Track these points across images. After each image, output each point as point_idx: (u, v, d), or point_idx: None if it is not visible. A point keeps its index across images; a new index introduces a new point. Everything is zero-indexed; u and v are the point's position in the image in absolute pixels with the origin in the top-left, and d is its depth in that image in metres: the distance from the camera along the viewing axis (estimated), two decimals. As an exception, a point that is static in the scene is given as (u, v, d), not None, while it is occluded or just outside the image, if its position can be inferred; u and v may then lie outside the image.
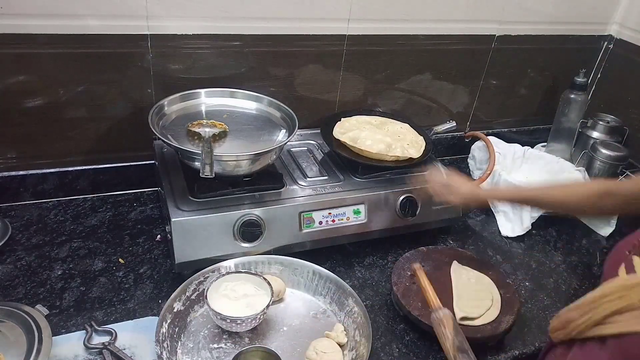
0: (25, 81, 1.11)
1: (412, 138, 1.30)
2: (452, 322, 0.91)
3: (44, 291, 1.01)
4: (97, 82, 1.17)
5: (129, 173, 1.29)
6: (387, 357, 0.97)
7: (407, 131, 1.34)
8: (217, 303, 0.94)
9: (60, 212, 1.22)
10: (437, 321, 0.92)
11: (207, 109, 1.22)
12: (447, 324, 0.90)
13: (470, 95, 1.62)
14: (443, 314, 0.92)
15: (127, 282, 1.06)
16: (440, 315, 0.92)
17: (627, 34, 1.64)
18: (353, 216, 1.16)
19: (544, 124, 1.75)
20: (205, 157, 0.99)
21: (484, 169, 1.47)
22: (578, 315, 0.73)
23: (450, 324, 0.90)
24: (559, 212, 1.08)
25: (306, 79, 1.37)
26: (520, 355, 1.02)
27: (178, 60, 1.22)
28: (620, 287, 0.68)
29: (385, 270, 1.17)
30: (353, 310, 0.99)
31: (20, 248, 1.11)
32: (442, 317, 0.92)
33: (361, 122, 1.33)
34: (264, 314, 0.94)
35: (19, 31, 1.06)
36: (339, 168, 1.25)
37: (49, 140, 1.20)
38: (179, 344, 0.92)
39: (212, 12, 1.19)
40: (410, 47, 1.44)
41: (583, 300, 0.73)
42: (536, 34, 1.58)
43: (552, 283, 1.21)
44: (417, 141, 1.30)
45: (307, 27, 1.29)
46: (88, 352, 0.90)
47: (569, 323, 0.75)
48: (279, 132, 1.18)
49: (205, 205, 1.06)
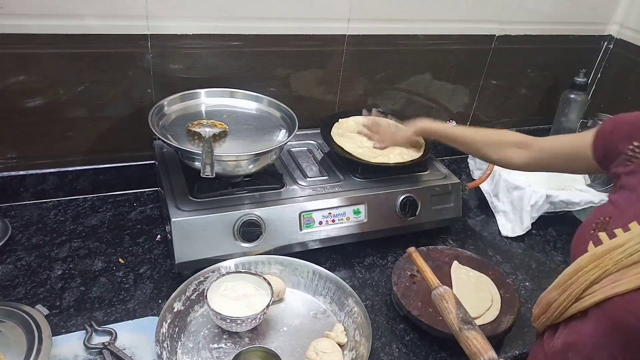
0: (25, 81, 1.12)
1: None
2: (454, 297, 0.91)
3: (44, 291, 1.01)
4: (97, 82, 1.17)
5: (129, 173, 1.29)
6: (387, 357, 0.97)
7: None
8: (217, 303, 0.94)
9: (60, 212, 1.22)
10: (438, 297, 0.92)
11: (207, 109, 1.22)
12: (449, 299, 0.91)
13: (470, 95, 1.62)
14: (444, 290, 0.93)
15: (127, 282, 1.06)
16: (441, 291, 0.92)
17: (627, 34, 1.64)
18: (353, 216, 1.16)
19: (544, 124, 1.75)
20: (206, 157, 0.99)
21: (484, 169, 1.47)
22: (557, 294, 0.75)
23: (452, 299, 0.91)
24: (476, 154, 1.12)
25: (306, 79, 1.37)
26: (520, 355, 1.02)
27: (178, 60, 1.22)
28: (593, 257, 0.70)
29: (385, 270, 1.17)
30: (353, 310, 0.99)
31: (20, 248, 1.11)
32: (443, 292, 0.92)
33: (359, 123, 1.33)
34: (264, 314, 0.94)
35: (19, 31, 1.06)
36: (339, 168, 1.25)
37: (49, 140, 1.20)
38: (179, 344, 0.92)
39: (212, 12, 1.19)
40: (410, 47, 1.44)
41: (559, 280, 0.75)
42: (536, 34, 1.59)
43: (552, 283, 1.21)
44: (417, 140, 1.30)
45: (307, 27, 1.29)
46: (88, 352, 0.89)
47: (549, 305, 0.77)
48: (279, 132, 1.18)
49: (205, 205, 1.06)
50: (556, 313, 0.76)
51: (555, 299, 0.75)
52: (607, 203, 0.80)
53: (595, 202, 1.35)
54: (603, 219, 0.75)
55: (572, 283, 0.73)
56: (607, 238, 0.72)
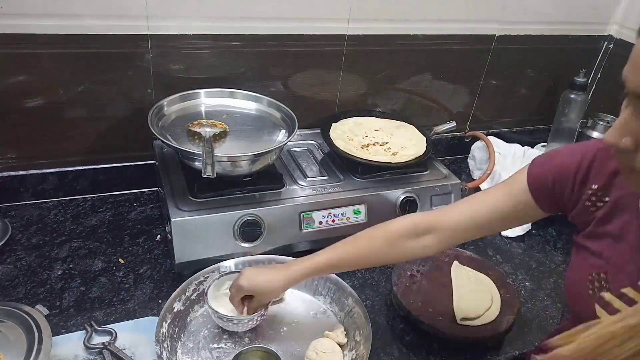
0: (25, 81, 1.11)
1: (411, 137, 1.30)
2: None
3: (44, 291, 1.01)
4: (97, 82, 1.17)
5: (129, 173, 1.29)
6: (387, 357, 0.97)
7: (406, 132, 1.33)
8: (217, 302, 0.94)
9: (60, 212, 1.22)
10: None
11: (207, 109, 1.22)
12: None
13: (470, 95, 1.62)
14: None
15: (127, 282, 1.06)
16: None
17: (627, 34, 1.64)
18: (353, 216, 1.16)
19: (544, 124, 1.74)
20: (207, 157, 0.99)
21: (484, 169, 1.47)
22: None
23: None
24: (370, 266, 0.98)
25: (306, 79, 1.37)
26: (520, 355, 1.02)
27: (178, 60, 1.22)
28: (627, 329, 0.56)
29: (385, 270, 1.17)
30: (353, 310, 0.99)
31: (20, 248, 1.11)
32: None
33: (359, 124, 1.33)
34: (262, 315, 0.94)
35: (19, 31, 1.06)
36: (339, 168, 1.25)
37: (49, 140, 1.20)
38: (179, 344, 0.92)
39: (212, 12, 1.19)
40: (410, 47, 1.44)
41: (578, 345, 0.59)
42: (536, 34, 1.58)
43: (552, 283, 1.21)
44: (419, 139, 1.29)
45: (307, 27, 1.29)
46: (88, 352, 0.89)
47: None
48: (278, 132, 1.18)
49: (205, 205, 1.06)
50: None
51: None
52: (592, 256, 0.72)
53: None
54: (597, 276, 0.69)
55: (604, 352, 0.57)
56: (617, 300, 0.65)
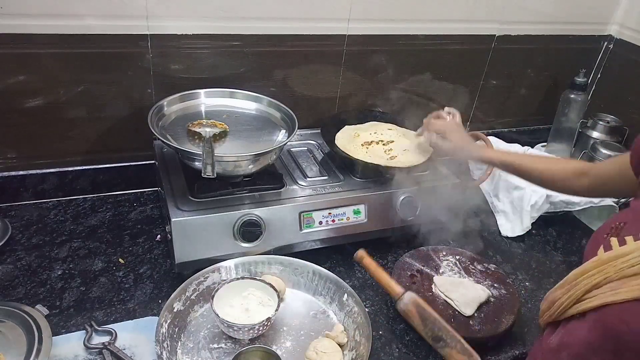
0: (25, 81, 1.11)
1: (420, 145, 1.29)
2: (416, 311, 0.90)
3: (44, 291, 1.01)
4: (97, 82, 1.17)
5: (129, 173, 1.29)
6: (387, 357, 0.97)
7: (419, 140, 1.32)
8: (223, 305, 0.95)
9: (60, 212, 1.22)
10: (404, 313, 0.93)
11: (207, 109, 1.22)
12: (414, 316, 0.90)
13: (470, 95, 1.62)
14: (408, 301, 0.92)
15: (127, 282, 1.06)
16: (404, 307, 0.92)
17: (627, 34, 1.64)
18: (353, 216, 1.16)
19: (544, 124, 1.74)
20: (207, 157, 0.99)
21: (484, 169, 1.47)
22: (561, 294, 0.76)
23: (415, 315, 0.90)
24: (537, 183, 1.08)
25: (306, 79, 1.37)
26: (520, 355, 1.02)
27: (178, 60, 1.22)
28: (598, 262, 0.71)
29: (385, 271, 1.17)
30: (353, 310, 0.99)
31: (20, 248, 1.11)
32: (406, 309, 0.92)
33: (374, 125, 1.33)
34: (264, 326, 0.93)
35: (19, 31, 1.06)
36: (339, 168, 1.25)
37: (49, 140, 1.20)
38: (179, 344, 0.92)
39: (212, 12, 1.19)
40: (410, 47, 1.44)
41: (565, 279, 0.77)
42: (536, 34, 1.58)
43: (552, 283, 1.19)
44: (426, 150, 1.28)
45: (307, 27, 1.29)
46: (88, 352, 0.89)
47: (553, 303, 0.78)
48: (278, 132, 1.18)
49: (205, 205, 1.06)
50: (558, 311, 0.77)
51: (558, 298, 0.76)
52: (627, 208, 0.79)
53: (595, 202, 1.35)
54: (618, 224, 0.75)
55: (576, 284, 0.73)
56: (617, 244, 0.71)
